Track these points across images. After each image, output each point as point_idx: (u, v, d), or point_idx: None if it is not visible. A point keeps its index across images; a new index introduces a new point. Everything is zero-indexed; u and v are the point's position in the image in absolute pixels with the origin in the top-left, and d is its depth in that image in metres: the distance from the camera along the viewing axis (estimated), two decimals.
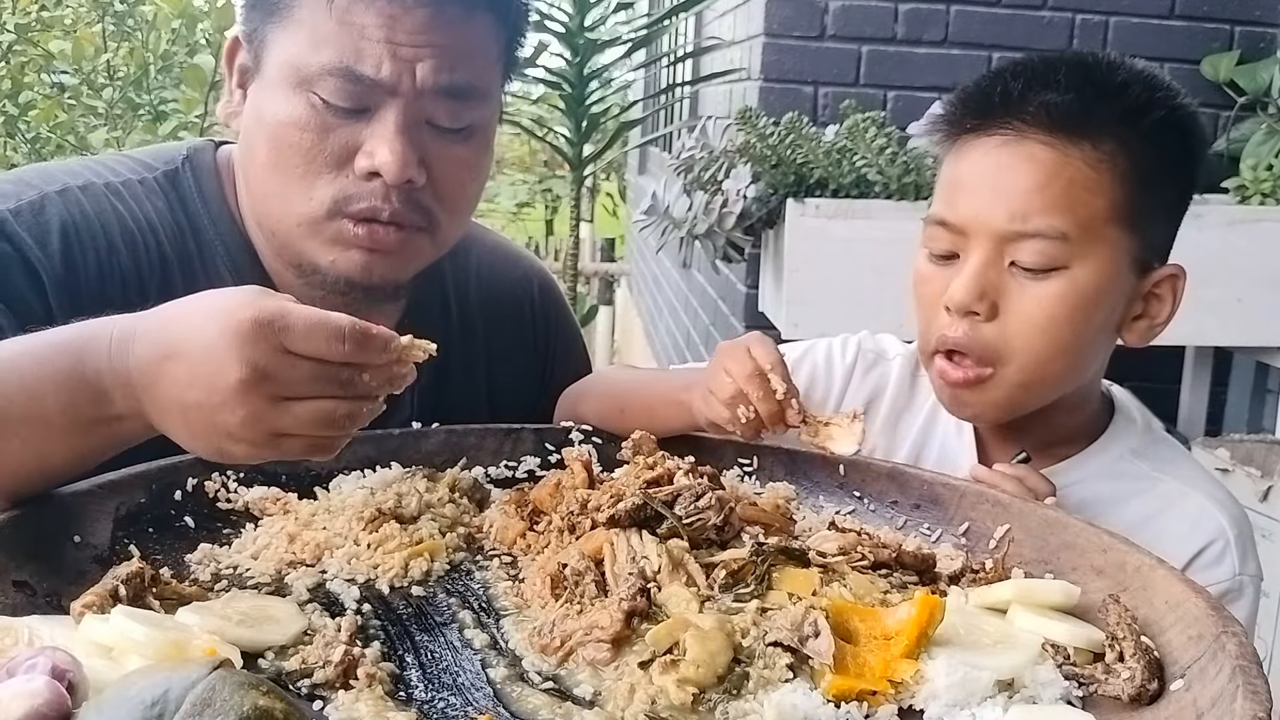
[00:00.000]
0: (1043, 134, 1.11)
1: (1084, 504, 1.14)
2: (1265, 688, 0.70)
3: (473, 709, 0.77)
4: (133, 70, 4.87)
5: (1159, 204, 1.15)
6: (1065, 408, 1.20)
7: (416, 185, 1.14)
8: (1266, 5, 3.23)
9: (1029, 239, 1.10)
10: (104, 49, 4.90)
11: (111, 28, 4.95)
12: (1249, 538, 1.18)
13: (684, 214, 2.83)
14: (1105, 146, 1.11)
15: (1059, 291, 1.11)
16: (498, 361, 1.41)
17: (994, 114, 1.14)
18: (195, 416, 0.85)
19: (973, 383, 1.14)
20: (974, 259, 1.12)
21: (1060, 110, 1.11)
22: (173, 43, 4.89)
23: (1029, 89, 1.12)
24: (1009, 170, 1.11)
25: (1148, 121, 1.12)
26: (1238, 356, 3.18)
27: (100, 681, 0.68)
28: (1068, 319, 1.11)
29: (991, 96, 1.15)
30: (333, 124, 1.12)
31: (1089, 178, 1.10)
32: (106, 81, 4.88)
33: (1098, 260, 1.11)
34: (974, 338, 1.13)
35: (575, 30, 3.90)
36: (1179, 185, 1.18)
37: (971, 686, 0.77)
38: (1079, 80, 1.13)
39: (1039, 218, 1.09)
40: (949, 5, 3.21)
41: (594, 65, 4.12)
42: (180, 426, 0.87)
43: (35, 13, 4.96)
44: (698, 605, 0.84)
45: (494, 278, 1.43)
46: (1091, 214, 1.10)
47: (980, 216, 1.12)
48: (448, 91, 1.13)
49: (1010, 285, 1.11)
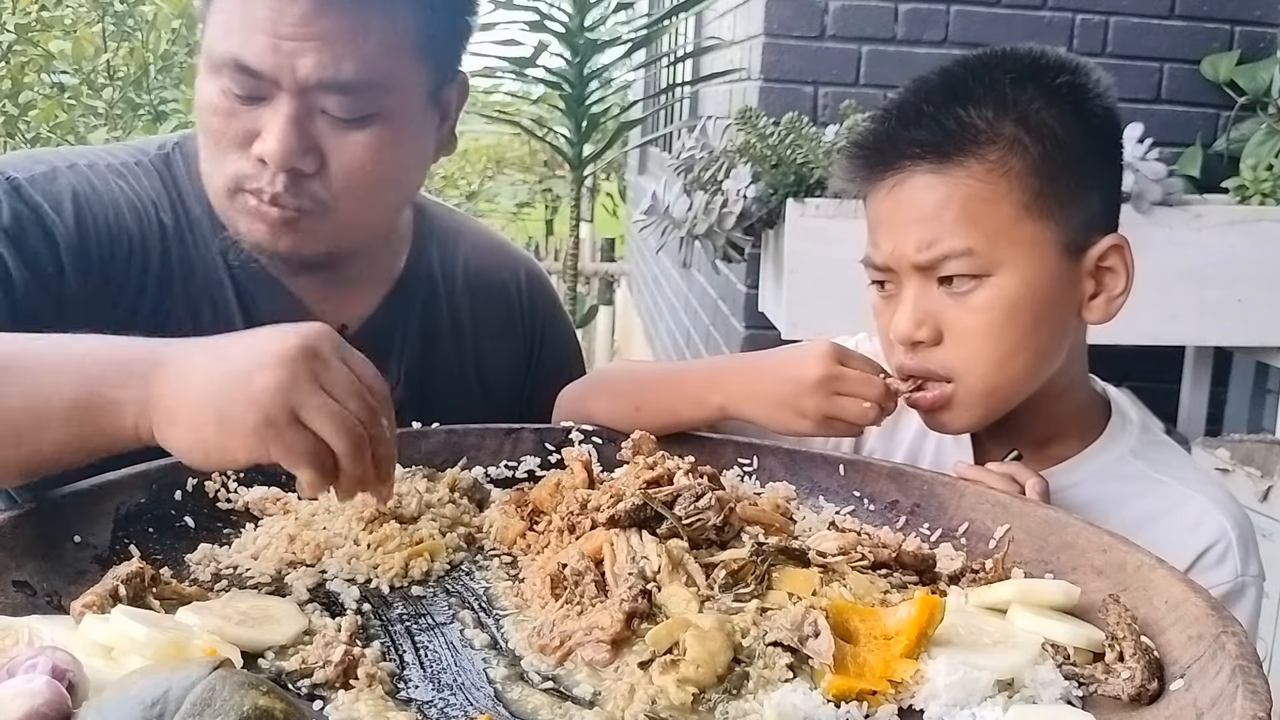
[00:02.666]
0: (927, 165, 1.14)
1: (1083, 506, 1.14)
2: (1265, 688, 0.70)
3: (473, 709, 0.77)
4: (133, 70, 4.88)
5: (1072, 185, 1.14)
6: (1050, 397, 1.20)
7: (305, 173, 1.17)
8: (1266, 5, 3.23)
9: (943, 262, 1.13)
10: (104, 49, 4.90)
11: (111, 28, 4.95)
12: (1251, 539, 1.18)
13: (684, 214, 2.83)
14: (992, 156, 1.12)
15: (989, 301, 1.13)
16: (485, 342, 1.44)
17: (879, 160, 1.18)
18: (223, 384, 0.87)
19: (940, 403, 1.16)
20: (906, 293, 1.16)
21: (931, 139, 1.13)
22: (173, 43, 4.90)
23: (900, 129, 1.16)
24: (908, 206, 1.15)
25: (1029, 115, 1.12)
26: (1238, 356, 3.18)
27: (100, 681, 0.68)
28: (1008, 322, 1.13)
29: (870, 147, 1.19)
30: (236, 109, 1.16)
31: (983, 190, 1.12)
32: (106, 81, 4.89)
33: (1019, 261, 1.12)
34: (926, 363, 1.15)
35: (575, 30, 3.90)
36: (1092, 158, 1.17)
37: (971, 686, 0.77)
38: (942, 100, 1.14)
39: (944, 242, 1.12)
40: (949, 5, 3.21)
41: (594, 65, 4.12)
42: (198, 405, 0.88)
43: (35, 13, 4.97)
44: (698, 605, 0.84)
45: (481, 264, 1.46)
46: (997, 222, 1.12)
47: (896, 253, 1.16)
48: (332, 85, 1.14)
49: (945, 305, 1.14)
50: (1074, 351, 1.21)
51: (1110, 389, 1.31)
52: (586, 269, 8.34)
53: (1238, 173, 2.83)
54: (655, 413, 1.22)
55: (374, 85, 1.16)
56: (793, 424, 1.16)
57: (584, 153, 4.18)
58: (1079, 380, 1.27)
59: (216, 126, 1.17)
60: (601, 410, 1.27)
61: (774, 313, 2.98)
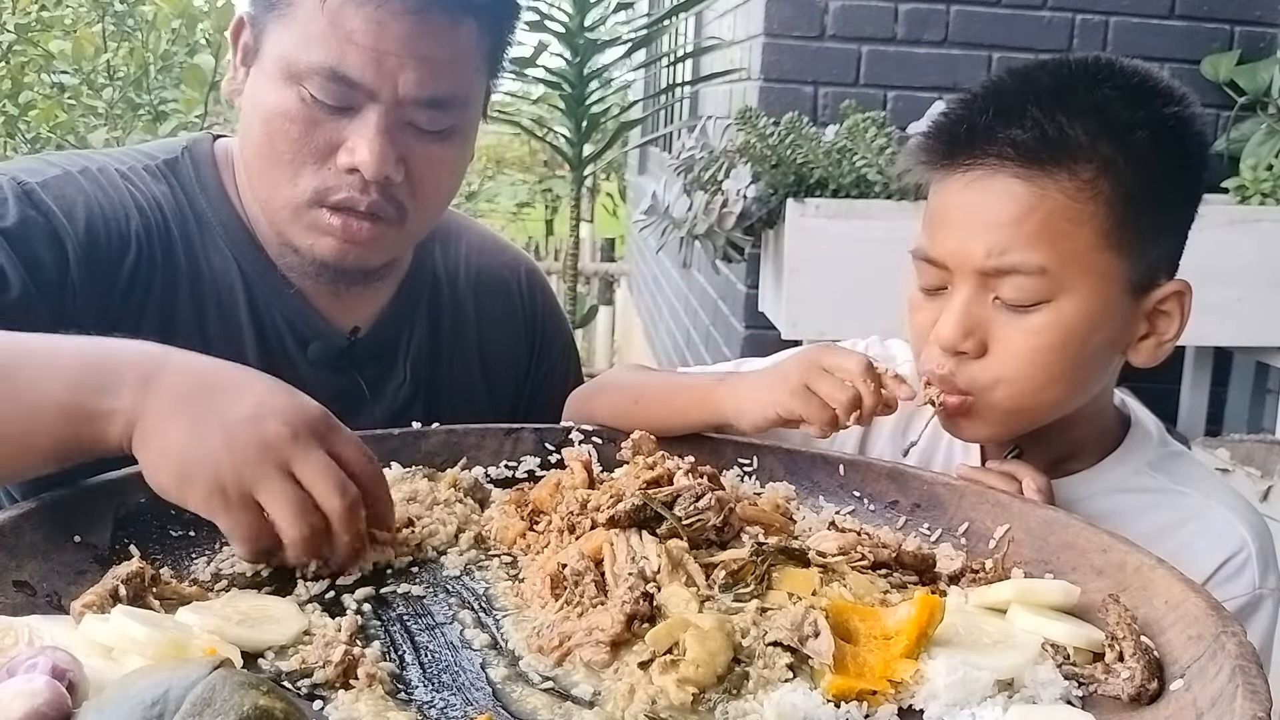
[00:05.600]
0: (1016, 166, 1.07)
1: (1101, 517, 1.10)
2: (1265, 688, 0.70)
3: (473, 709, 0.77)
4: (133, 70, 4.87)
5: (1154, 222, 1.10)
6: (1072, 424, 1.17)
7: (394, 182, 1.19)
8: (1266, 5, 3.23)
9: (1009, 275, 1.07)
10: (104, 49, 4.90)
11: (111, 28, 4.94)
12: (1271, 552, 1.15)
13: (684, 214, 2.83)
14: (1085, 174, 1.06)
15: (1045, 324, 1.07)
16: (489, 341, 1.46)
17: (964, 149, 1.10)
18: (195, 430, 0.89)
19: (962, 409, 1.12)
20: (958, 297, 1.10)
21: (1030, 145, 1.06)
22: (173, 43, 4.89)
23: (996, 122, 1.08)
24: (982, 207, 1.08)
25: (1131, 142, 1.07)
26: (1238, 356, 3.18)
27: (100, 681, 0.68)
28: (1058, 350, 1.08)
29: (959, 133, 1.11)
30: (319, 119, 1.16)
31: (1069, 208, 1.06)
32: (106, 81, 4.88)
33: (1086, 290, 1.07)
34: (962, 374, 1.10)
35: (575, 30, 3.90)
36: (1178, 197, 1.13)
37: (971, 686, 0.77)
38: (1050, 107, 1.07)
39: (1016, 253, 1.06)
40: (949, 5, 3.21)
41: (594, 65, 4.12)
42: (167, 442, 0.90)
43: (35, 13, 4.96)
44: (698, 605, 0.84)
45: (482, 262, 1.49)
46: (1075, 245, 1.06)
47: (959, 253, 1.09)
48: (428, 102, 1.17)
49: (996, 320, 1.09)
50: (1107, 383, 1.19)
51: (1130, 401, 1.28)
52: (586, 269, 8.34)
53: (1238, 173, 2.83)
54: (653, 408, 1.22)
55: (461, 101, 1.21)
56: (765, 420, 1.14)
57: (584, 153, 4.18)
58: (1104, 408, 1.23)
59: (295, 135, 1.16)
60: (602, 405, 1.28)
61: (774, 313, 2.98)
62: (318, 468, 0.90)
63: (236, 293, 1.27)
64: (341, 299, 1.32)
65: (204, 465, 0.88)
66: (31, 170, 1.20)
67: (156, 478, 0.91)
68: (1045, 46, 3.11)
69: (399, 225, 1.23)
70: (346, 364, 1.32)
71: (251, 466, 0.88)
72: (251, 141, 1.22)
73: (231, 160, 1.32)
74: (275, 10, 1.17)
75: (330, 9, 1.13)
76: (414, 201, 1.22)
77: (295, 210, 1.20)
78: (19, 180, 1.17)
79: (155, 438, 0.90)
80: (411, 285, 1.40)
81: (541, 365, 1.51)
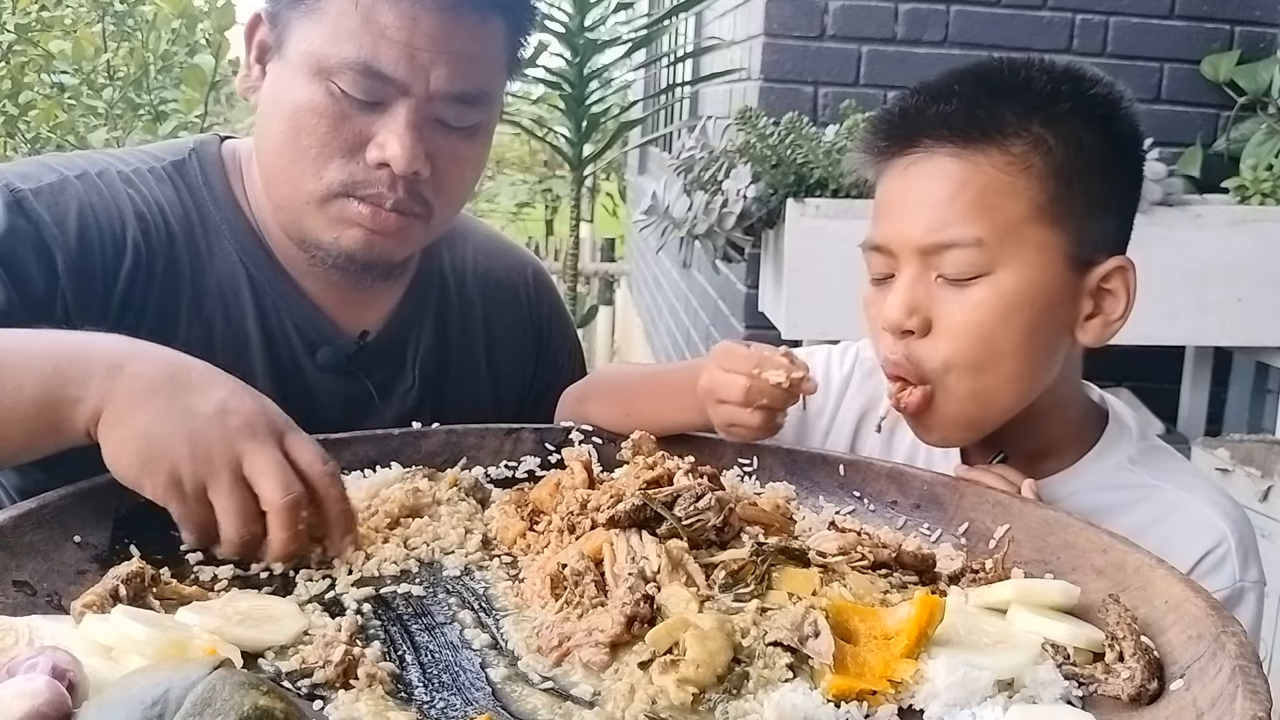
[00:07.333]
0: (949, 147, 1.12)
1: (1083, 515, 1.13)
2: (1265, 688, 0.70)
3: (473, 709, 0.77)
4: (133, 70, 4.87)
5: (1088, 197, 1.12)
6: (1040, 414, 1.18)
7: (421, 178, 1.19)
8: (1266, 5, 3.23)
9: (948, 249, 1.10)
10: (104, 49, 4.90)
11: (111, 28, 4.94)
12: (1252, 544, 1.16)
13: (684, 214, 2.83)
14: (1016, 149, 1.10)
15: (985, 298, 1.10)
16: (496, 342, 1.46)
17: (901, 135, 1.16)
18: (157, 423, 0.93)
19: (923, 405, 1.13)
20: (902, 278, 1.13)
21: (959, 120, 1.11)
22: (173, 43, 4.89)
23: (929, 107, 1.13)
24: (920, 187, 1.13)
25: (1058, 117, 1.11)
26: (1238, 356, 3.18)
27: (100, 681, 0.68)
28: (1000, 323, 1.10)
29: (894, 119, 1.17)
30: (348, 113, 1.16)
31: (1002, 182, 1.10)
32: (106, 81, 4.88)
33: (1023, 262, 1.10)
34: (911, 355, 1.13)
35: (575, 30, 3.90)
36: (1114, 174, 1.16)
37: (971, 686, 0.77)
38: (975, 87, 1.13)
39: (953, 228, 1.10)
40: (949, 5, 3.21)
41: (594, 65, 4.12)
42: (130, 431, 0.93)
43: (35, 13, 4.96)
44: (698, 605, 0.84)
45: (490, 262, 1.49)
46: (1009, 217, 1.10)
47: (901, 234, 1.14)
48: (458, 97, 1.18)
49: (939, 298, 1.12)
50: (1066, 371, 1.19)
51: (1109, 397, 1.29)
52: (586, 269, 8.34)
53: (1238, 173, 2.83)
54: (644, 410, 1.24)
55: (488, 97, 1.22)
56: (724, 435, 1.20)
57: (584, 153, 4.17)
58: (1071, 400, 1.24)
59: (324, 130, 1.16)
60: (596, 411, 1.30)
61: (774, 313, 2.98)
62: (266, 464, 0.93)
63: (243, 297, 1.26)
64: (350, 304, 1.31)
65: (165, 455, 0.92)
66: (26, 175, 1.20)
67: (117, 462, 0.94)
68: (1045, 46, 3.12)
69: (424, 220, 1.23)
70: (355, 368, 1.32)
71: (209, 462, 0.92)
72: (273, 137, 1.21)
73: (239, 163, 1.31)
74: (301, 6, 1.17)
75: (364, 5, 1.13)
76: (438, 198, 1.23)
77: (321, 203, 1.20)
78: (11, 187, 1.17)
79: (120, 425, 0.93)
80: (419, 287, 1.39)
81: (548, 367, 1.51)
